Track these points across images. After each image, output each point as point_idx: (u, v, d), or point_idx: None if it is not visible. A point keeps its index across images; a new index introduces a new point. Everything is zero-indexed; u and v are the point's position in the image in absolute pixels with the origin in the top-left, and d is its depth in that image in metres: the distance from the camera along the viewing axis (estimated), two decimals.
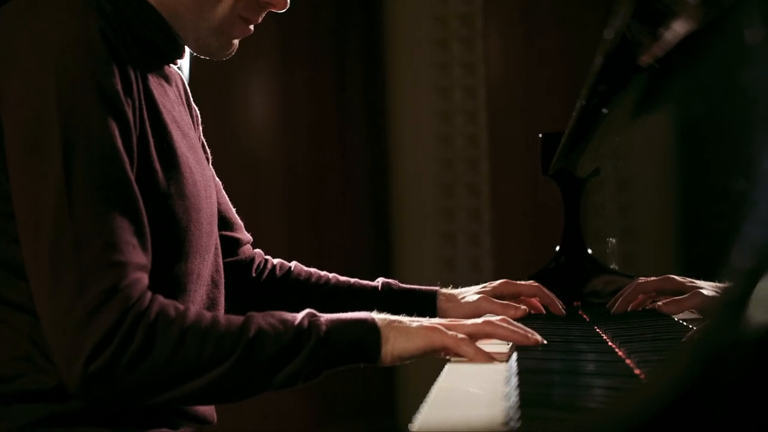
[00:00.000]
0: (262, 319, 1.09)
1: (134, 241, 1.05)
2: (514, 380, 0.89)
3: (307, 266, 1.60)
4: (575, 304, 1.78)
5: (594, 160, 1.84)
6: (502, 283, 1.53)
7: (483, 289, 1.51)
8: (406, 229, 3.95)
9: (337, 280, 1.56)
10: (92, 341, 1.01)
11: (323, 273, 1.58)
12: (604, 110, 1.46)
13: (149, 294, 1.06)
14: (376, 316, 1.12)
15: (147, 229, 1.08)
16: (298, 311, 1.53)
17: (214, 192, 1.34)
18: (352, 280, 1.57)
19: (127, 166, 1.06)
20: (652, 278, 1.48)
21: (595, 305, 1.76)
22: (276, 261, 1.59)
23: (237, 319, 1.09)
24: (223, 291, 1.32)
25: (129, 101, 1.09)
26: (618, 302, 1.54)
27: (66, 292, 1.01)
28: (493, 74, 3.77)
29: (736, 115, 1.07)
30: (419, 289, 1.54)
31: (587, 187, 1.92)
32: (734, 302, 0.45)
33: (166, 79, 1.26)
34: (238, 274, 1.52)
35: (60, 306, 1.02)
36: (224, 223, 1.47)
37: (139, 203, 1.07)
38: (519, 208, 3.73)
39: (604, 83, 1.31)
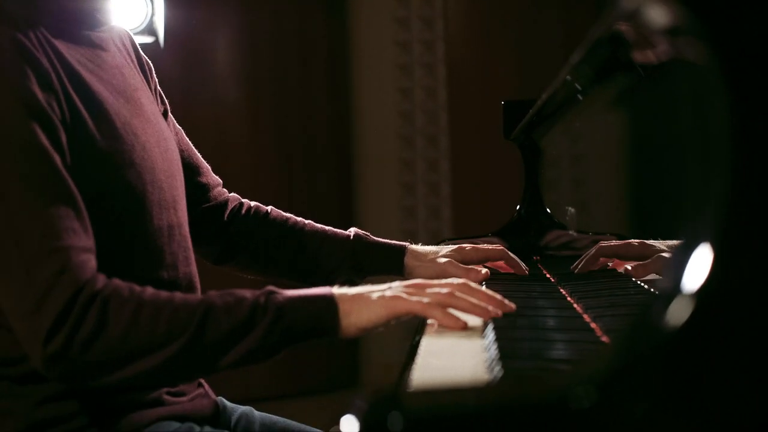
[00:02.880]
0: (219, 297, 1.11)
1: (73, 226, 1.08)
2: (491, 335, 1.06)
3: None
4: (534, 258, 1.89)
5: (563, 134, 1.94)
6: (470, 248, 1.58)
7: (451, 253, 1.56)
8: (368, 178, 4.07)
9: (313, 227, 1.58)
10: (47, 324, 1.04)
11: (299, 219, 1.60)
12: (579, 97, 1.53)
13: (101, 276, 1.08)
14: (336, 290, 1.13)
15: (85, 214, 1.10)
16: (271, 255, 1.59)
17: (172, 143, 1.37)
18: (327, 228, 1.59)
19: (55, 159, 1.09)
20: (613, 242, 1.58)
21: (553, 258, 1.89)
22: (253, 204, 1.61)
23: (193, 298, 1.11)
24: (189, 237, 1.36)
25: (52, 96, 1.12)
26: (581, 265, 1.61)
27: (17, 285, 1.06)
28: (452, 28, 3.89)
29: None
30: (389, 244, 1.57)
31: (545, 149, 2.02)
32: (662, 299, 0.62)
33: (102, 47, 1.28)
34: (212, 219, 1.55)
35: (14, 297, 1.07)
36: (190, 169, 1.48)
37: (72, 190, 1.10)
38: (476, 158, 3.88)
39: (581, 75, 1.36)
